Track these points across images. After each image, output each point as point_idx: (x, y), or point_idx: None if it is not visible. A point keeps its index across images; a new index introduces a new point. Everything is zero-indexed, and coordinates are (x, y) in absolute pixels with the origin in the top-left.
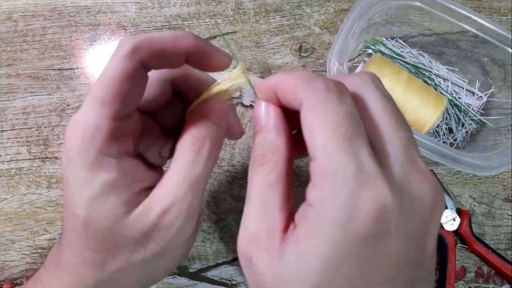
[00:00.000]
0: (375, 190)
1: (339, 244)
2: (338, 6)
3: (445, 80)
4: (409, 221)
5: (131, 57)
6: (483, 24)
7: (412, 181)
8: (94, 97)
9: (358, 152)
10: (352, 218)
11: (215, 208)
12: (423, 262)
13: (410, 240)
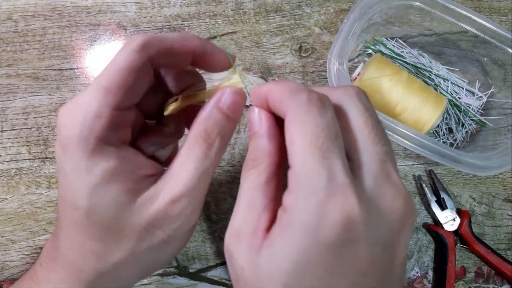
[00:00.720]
0: (343, 201)
1: (307, 248)
2: (338, 6)
3: (445, 81)
4: (377, 231)
5: (140, 52)
6: (483, 24)
7: (384, 193)
8: (98, 86)
9: (331, 164)
10: (321, 225)
11: (215, 208)
12: (393, 270)
13: (379, 249)
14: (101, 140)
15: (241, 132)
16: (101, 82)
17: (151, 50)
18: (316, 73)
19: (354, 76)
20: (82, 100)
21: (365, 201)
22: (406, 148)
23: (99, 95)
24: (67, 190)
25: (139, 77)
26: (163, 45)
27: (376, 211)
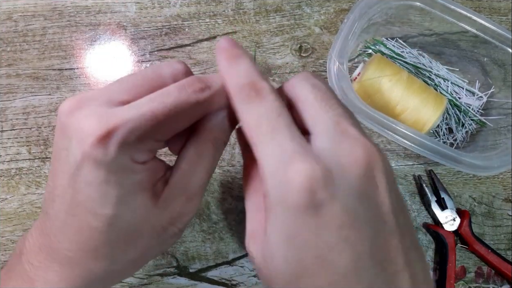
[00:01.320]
0: (300, 166)
1: (287, 223)
2: (338, 6)
3: (445, 80)
4: (345, 183)
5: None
6: (483, 24)
7: (342, 148)
8: (154, 115)
9: (280, 139)
10: (289, 197)
11: (215, 208)
12: (383, 218)
13: (353, 200)
14: (133, 160)
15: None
16: (153, 110)
17: (212, 107)
18: (316, 73)
19: (354, 76)
20: (134, 112)
21: (323, 160)
22: (406, 147)
23: (152, 122)
24: (85, 197)
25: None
26: (219, 102)
27: (337, 166)
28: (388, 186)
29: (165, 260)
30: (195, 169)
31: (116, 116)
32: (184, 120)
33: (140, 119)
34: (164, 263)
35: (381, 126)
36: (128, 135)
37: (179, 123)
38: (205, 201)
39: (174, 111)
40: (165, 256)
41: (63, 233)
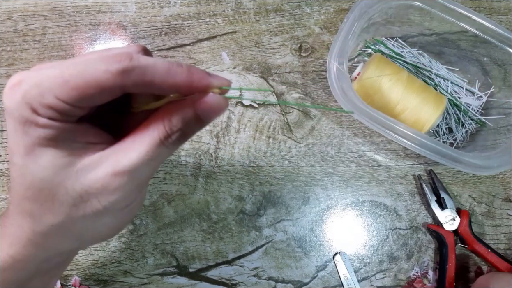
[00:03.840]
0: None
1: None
2: (338, 6)
3: (445, 80)
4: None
5: (116, 76)
6: (483, 24)
7: None
8: (61, 74)
9: None
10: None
11: (215, 208)
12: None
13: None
14: (36, 113)
15: (241, 132)
16: (65, 73)
17: (128, 81)
18: (316, 73)
19: (354, 76)
20: (45, 72)
21: None
22: (406, 147)
23: (58, 83)
24: (10, 145)
25: (102, 96)
26: (142, 79)
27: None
28: None
29: (165, 259)
30: (133, 145)
31: (30, 72)
32: (102, 96)
33: (47, 78)
34: (164, 263)
35: (381, 126)
36: (30, 88)
37: (97, 97)
38: (205, 200)
39: (86, 84)
40: (165, 256)
41: (10, 187)
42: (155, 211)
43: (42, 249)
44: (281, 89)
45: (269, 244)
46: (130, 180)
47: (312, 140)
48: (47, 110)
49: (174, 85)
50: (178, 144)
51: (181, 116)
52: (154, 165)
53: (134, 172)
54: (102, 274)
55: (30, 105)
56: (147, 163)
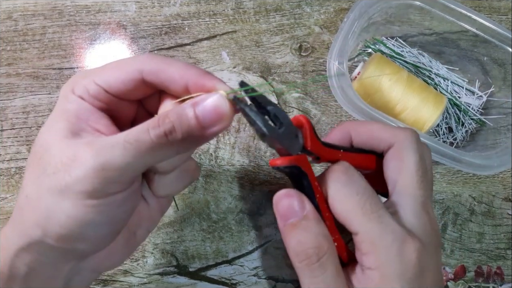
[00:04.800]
0: (410, 244)
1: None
2: (338, 5)
3: (445, 80)
4: (432, 253)
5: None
6: (483, 23)
7: (426, 227)
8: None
9: (386, 220)
10: (406, 267)
11: (215, 207)
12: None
13: (435, 265)
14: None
15: (241, 131)
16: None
17: (149, 78)
18: (316, 73)
19: (354, 76)
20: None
21: (418, 237)
22: None
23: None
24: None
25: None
26: (159, 78)
27: (426, 240)
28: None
29: (165, 259)
30: (118, 139)
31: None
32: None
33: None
34: (164, 262)
35: None
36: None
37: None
38: (205, 200)
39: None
40: (165, 255)
41: None
42: None
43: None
44: (281, 88)
45: (269, 244)
46: (102, 160)
47: None
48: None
49: (185, 85)
50: (173, 151)
51: (176, 111)
52: (141, 166)
53: (110, 164)
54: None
55: (72, 87)
56: (125, 149)
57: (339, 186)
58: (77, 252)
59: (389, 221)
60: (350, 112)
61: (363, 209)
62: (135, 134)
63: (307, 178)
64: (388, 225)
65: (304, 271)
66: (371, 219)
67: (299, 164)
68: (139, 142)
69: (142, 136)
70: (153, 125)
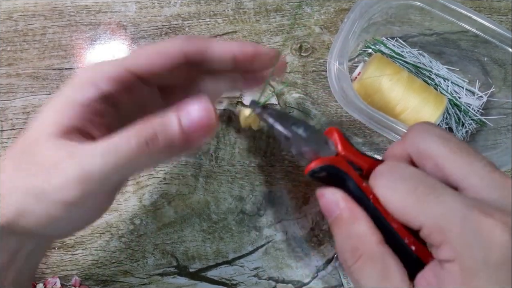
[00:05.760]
0: (489, 218)
1: (492, 277)
2: (339, 5)
3: (445, 80)
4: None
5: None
6: (483, 24)
7: (505, 194)
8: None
9: (445, 197)
10: (489, 250)
11: (215, 207)
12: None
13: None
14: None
15: (241, 131)
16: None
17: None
18: (316, 73)
19: (354, 76)
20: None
21: (498, 207)
22: None
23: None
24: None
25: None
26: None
27: (508, 207)
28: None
29: (165, 259)
30: (103, 147)
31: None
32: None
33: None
34: (164, 263)
35: (381, 126)
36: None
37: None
38: (205, 200)
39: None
40: (165, 256)
41: None
42: (155, 211)
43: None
44: (281, 89)
45: (270, 244)
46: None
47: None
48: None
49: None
50: (149, 151)
51: (160, 119)
52: (120, 174)
53: (91, 177)
54: (102, 274)
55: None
56: (104, 158)
57: (384, 181)
58: (38, 235)
59: (453, 197)
60: (350, 112)
61: (416, 195)
62: (116, 142)
63: (351, 179)
64: (454, 202)
65: (346, 271)
66: (429, 202)
67: (337, 164)
68: (119, 151)
69: (122, 145)
70: (134, 133)
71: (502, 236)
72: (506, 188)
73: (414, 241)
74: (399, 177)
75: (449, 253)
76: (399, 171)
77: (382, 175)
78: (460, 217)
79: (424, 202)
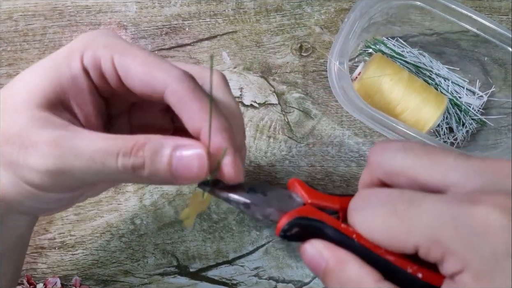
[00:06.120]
0: (479, 206)
1: (508, 268)
2: (339, 5)
3: (445, 80)
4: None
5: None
6: (483, 23)
7: (488, 177)
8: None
9: (427, 204)
10: (493, 243)
11: (216, 207)
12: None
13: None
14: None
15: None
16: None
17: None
18: (316, 73)
19: (354, 76)
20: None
21: (486, 190)
22: None
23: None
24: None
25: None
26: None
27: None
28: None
29: (166, 259)
30: (95, 142)
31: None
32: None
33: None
34: (165, 263)
35: (381, 126)
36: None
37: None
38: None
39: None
40: (166, 256)
41: None
42: (155, 210)
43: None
44: (281, 89)
45: (270, 244)
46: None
47: (313, 140)
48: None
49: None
50: (131, 175)
51: (153, 147)
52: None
53: (64, 159)
54: (102, 274)
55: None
56: (87, 164)
57: (360, 214)
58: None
59: (434, 201)
60: (351, 112)
61: (397, 215)
62: (102, 155)
63: (327, 225)
64: (436, 205)
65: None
66: (412, 217)
67: (307, 214)
68: (104, 165)
69: (109, 160)
70: (124, 152)
71: (499, 220)
72: (487, 171)
73: (418, 268)
74: (374, 204)
75: (454, 264)
76: (372, 198)
77: (356, 209)
78: (449, 217)
79: (408, 219)
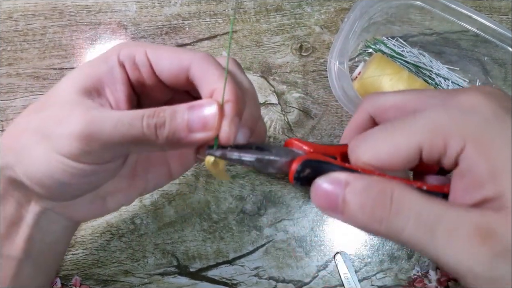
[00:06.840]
0: (478, 95)
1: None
2: (339, 5)
3: (445, 80)
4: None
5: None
6: (483, 23)
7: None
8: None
9: (424, 102)
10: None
11: (216, 207)
12: None
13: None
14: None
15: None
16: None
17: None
18: (316, 72)
19: (354, 76)
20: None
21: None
22: None
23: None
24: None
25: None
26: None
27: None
28: None
29: (166, 259)
30: (120, 119)
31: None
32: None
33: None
34: (165, 263)
35: None
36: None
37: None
38: (205, 200)
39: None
40: (166, 256)
41: None
42: (155, 210)
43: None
44: (281, 88)
45: (270, 244)
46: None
47: (313, 140)
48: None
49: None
50: (154, 137)
51: (172, 108)
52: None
53: (94, 136)
54: (102, 274)
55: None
56: (115, 128)
57: (363, 146)
58: (34, 192)
59: (426, 92)
60: (351, 112)
61: (397, 129)
62: (130, 117)
63: (335, 165)
64: (430, 108)
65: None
66: (411, 122)
67: (316, 157)
68: (131, 126)
69: (135, 122)
70: (149, 114)
71: (481, 98)
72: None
73: (422, 183)
74: (373, 135)
75: (455, 144)
76: (370, 132)
77: (358, 144)
78: (442, 110)
79: (408, 126)
